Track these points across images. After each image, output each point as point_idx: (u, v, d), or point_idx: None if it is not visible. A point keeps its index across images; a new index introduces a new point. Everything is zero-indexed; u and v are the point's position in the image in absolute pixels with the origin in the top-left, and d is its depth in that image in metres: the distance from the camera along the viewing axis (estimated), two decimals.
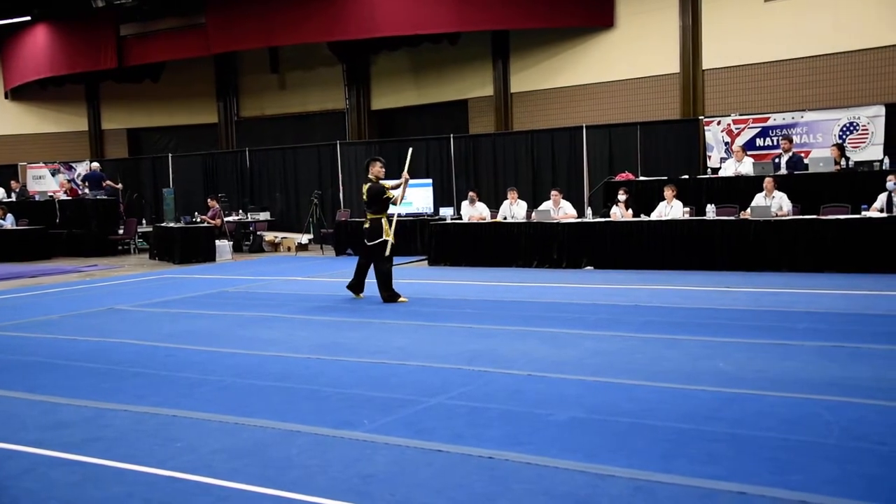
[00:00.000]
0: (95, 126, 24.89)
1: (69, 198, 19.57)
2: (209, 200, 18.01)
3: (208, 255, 16.40)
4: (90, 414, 5.09)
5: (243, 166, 21.53)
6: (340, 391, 5.44)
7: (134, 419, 4.94)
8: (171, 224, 17.51)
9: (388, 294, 9.55)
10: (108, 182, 19.84)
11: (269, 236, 19.05)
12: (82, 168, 22.75)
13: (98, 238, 18.41)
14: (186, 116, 24.24)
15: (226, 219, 18.24)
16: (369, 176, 9.84)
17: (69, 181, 21.63)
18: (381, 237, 9.63)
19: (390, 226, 9.74)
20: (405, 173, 9.92)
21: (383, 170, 9.93)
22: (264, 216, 19.79)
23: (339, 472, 3.89)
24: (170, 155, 22.80)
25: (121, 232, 19.18)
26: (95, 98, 24.75)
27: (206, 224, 17.13)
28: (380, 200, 9.73)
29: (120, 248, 19.13)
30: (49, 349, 7.34)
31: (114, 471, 4.03)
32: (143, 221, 20.44)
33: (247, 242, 19.09)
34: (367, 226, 9.81)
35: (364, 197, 9.88)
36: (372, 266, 9.82)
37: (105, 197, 19.34)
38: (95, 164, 20.40)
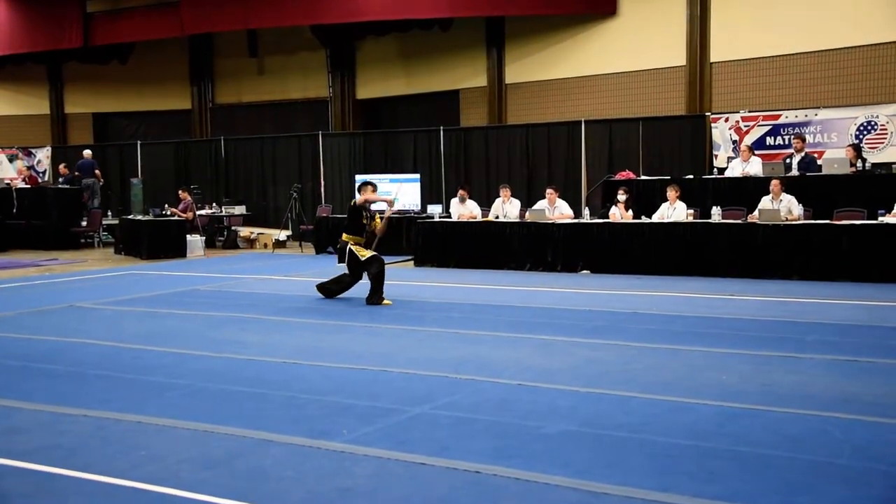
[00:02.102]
0: (58, 109, 24.73)
1: (28, 186, 19.45)
2: (180, 192, 17.93)
3: (178, 251, 16.33)
4: (47, 419, 5.06)
5: (218, 156, 21.45)
6: (318, 398, 5.43)
7: (95, 425, 4.91)
8: (139, 217, 17.43)
9: (375, 298, 9.57)
10: (98, 172, 19.88)
11: (244, 231, 18.99)
12: (43, 154, 22.64)
13: (59, 230, 18.31)
14: (157, 101, 24.12)
15: (198, 212, 18.17)
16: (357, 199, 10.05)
17: (28, 168, 21.52)
18: (345, 260, 9.83)
19: (370, 244, 9.94)
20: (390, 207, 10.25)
21: (375, 194, 10.11)
22: (239, 210, 19.73)
23: (316, 485, 3.89)
24: (138, 142, 22.68)
25: (84, 224, 19.07)
26: (58, 79, 24.59)
27: (176, 217, 17.07)
28: (354, 221, 9.93)
29: (83, 241, 19.03)
30: (2, 349, 7.28)
31: (72, 481, 4.00)
32: (109, 213, 20.33)
33: (220, 238, 19.03)
34: (339, 245, 10.07)
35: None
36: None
37: (90, 183, 19.39)
38: (87, 152, 20.36)
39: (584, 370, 6.14)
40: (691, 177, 13.96)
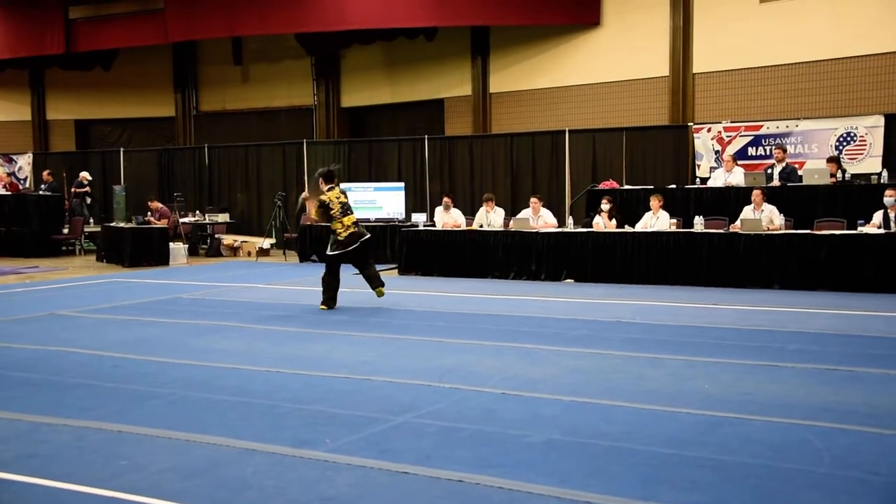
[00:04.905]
0: (40, 116, 24.56)
1: (8, 193, 19.29)
2: (150, 202, 17.71)
3: (161, 259, 16.25)
4: (24, 428, 5.02)
5: (201, 164, 21.37)
6: (300, 407, 5.41)
7: (74, 434, 4.87)
8: (122, 224, 17.33)
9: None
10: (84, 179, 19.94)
11: (227, 239, 18.91)
12: (24, 161, 22.47)
13: (40, 237, 18.16)
14: (140, 108, 24.00)
15: (182, 220, 18.06)
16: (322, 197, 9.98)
17: (9, 174, 21.34)
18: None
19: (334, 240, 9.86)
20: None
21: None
22: (223, 218, 19.64)
23: (298, 495, 3.87)
24: (121, 149, 22.56)
25: (65, 231, 18.93)
26: (40, 85, 24.42)
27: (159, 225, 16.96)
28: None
29: (64, 248, 18.89)
30: None
31: (49, 491, 3.97)
32: (91, 220, 20.21)
33: (204, 245, 18.93)
34: (355, 229, 9.93)
35: (345, 198, 10.11)
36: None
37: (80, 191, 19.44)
38: (84, 173, 20.31)
39: (568, 379, 6.15)
40: (674, 186, 14.03)
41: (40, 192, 19.22)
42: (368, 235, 10.00)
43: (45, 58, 22.31)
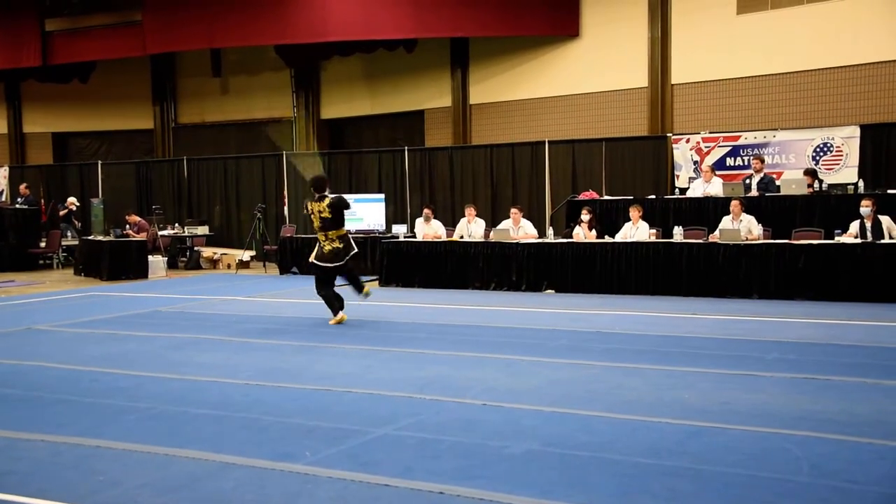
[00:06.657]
0: (16, 128, 24.40)
1: None
2: (127, 216, 17.61)
3: (140, 272, 16.14)
4: (1, 444, 4.97)
5: (181, 176, 21.27)
6: (280, 420, 5.40)
7: (52, 450, 4.83)
8: (100, 237, 17.20)
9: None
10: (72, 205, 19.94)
11: (207, 252, 18.82)
12: None
13: (16, 251, 18.00)
14: (119, 121, 23.90)
15: (160, 232, 17.97)
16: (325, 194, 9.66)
17: None
18: (354, 249, 9.59)
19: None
20: None
21: None
22: (202, 230, 19.56)
23: None
24: (99, 162, 22.42)
25: (42, 245, 18.77)
26: (16, 98, 24.29)
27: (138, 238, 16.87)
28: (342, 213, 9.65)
29: (41, 262, 18.72)
30: None
31: None
32: (68, 234, 20.06)
33: (183, 258, 18.83)
34: (338, 245, 9.52)
35: (327, 213, 9.44)
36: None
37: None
38: (72, 199, 20.27)
39: (548, 390, 6.17)
40: (653, 197, 14.12)
41: (17, 206, 19.05)
42: (340, 263, 9.52)
43: (22, 70, 22.21)
